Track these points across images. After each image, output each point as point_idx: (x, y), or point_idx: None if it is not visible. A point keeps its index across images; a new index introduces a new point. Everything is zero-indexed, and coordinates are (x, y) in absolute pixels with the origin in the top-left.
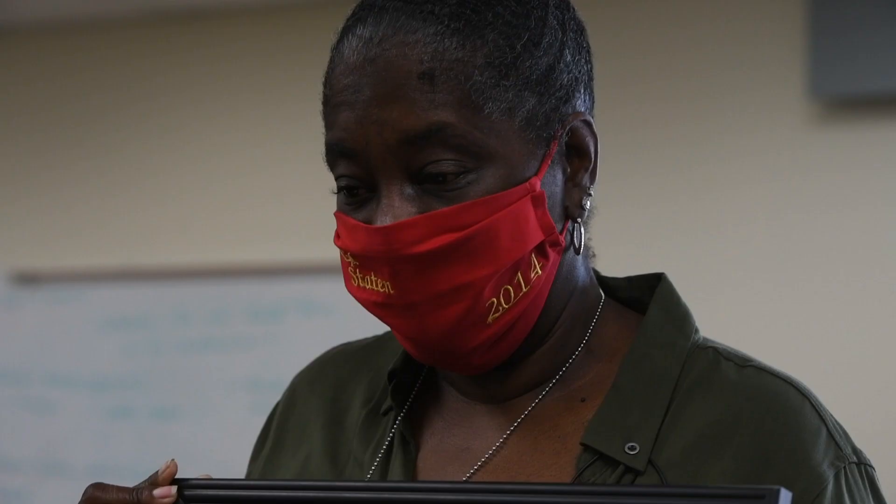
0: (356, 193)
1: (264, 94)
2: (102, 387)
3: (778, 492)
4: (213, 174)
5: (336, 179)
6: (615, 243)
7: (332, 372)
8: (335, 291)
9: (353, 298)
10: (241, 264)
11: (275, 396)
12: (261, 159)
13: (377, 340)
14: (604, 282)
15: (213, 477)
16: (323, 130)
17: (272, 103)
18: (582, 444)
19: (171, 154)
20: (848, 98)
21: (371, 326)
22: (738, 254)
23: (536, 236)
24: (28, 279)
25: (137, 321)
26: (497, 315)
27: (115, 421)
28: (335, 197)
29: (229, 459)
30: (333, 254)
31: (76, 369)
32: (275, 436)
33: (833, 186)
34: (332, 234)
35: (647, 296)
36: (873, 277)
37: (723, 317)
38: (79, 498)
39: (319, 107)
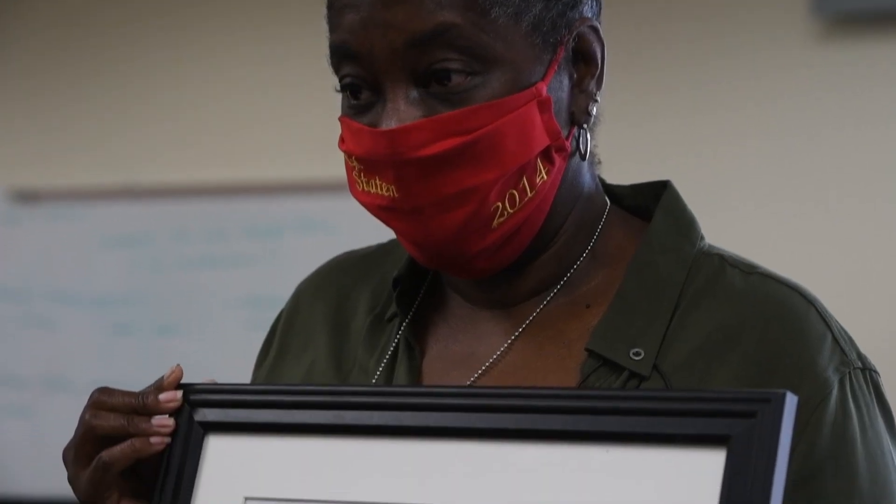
0: (360, 96)
1: (265, 11)
2: (103, 304)
3: (783, 395)
4: (213, 92)
5: (340, 80)
6: (619, 161)
7: (337, 279)
8: (334, 209)
9: (351, 216)
10: (241, 182)
11: (274, 313)
12: (261, 77)
13: (381, 248)
14: (609, 189)
15: (219, 382)
16: (327, 34)
17: (273, 21)
18: (587, 349)
19: (171, 72)
20: (852, 15)
21: (370, 243)
22: (741, 172)
23: (542, 141)
24: (28, 197)
25: (138, 239)
26: (502, 219)
27: (117, 337)
28: (335, 116)
29: (229, 375)
30: (332, 172)
31: (77, 287)
32: (279, 343)
33: (837, 104)
34: (332, 152)
35: (652, 203)
36: (878, 196)
37: (725, 236)
38: (81, 414)
39: (321, 24)
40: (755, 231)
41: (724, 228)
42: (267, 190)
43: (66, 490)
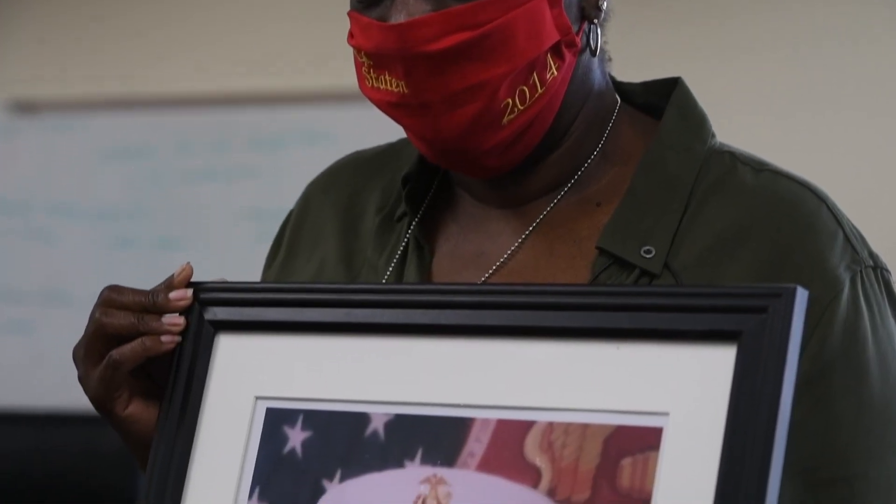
0: None
1: None
2: (104, 217)
3: (794, 290)
4: (215, 0)
5: None
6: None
7: (346, 179)
8: (337, 119)
9: (355, 127)
10: (243, 92)
11: (277, 225)
12: None
13: (391, 147)
14: (620, 87)
15: (229, 280)
16: None
17: None
18: (597, 247)
19: None
20: None
21: None
22: (755, 80)
23: (552, 36)
24: (27, 108)
25: (139, 150)
26: (512, 116)
27: (118, 251)
28: (339, 26)
29: None
30: (335, 82)
31: (77, 199)
32: (288, 243)
33: (844, 14)
34: (336, 62)
35: (663, 101)
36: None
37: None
38: (82, 329)
39: None
40: (767, 138)
41: (733, 135)
42: (270, 100)
43: (65, 404)
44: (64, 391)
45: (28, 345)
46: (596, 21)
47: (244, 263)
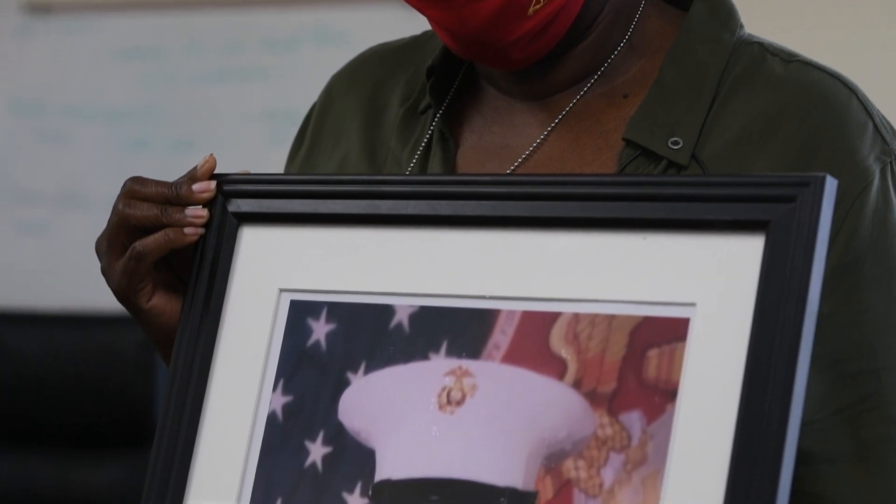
0: None
1: None
2: (118, 118)
3: (823, 179)
4: None
5: None
6: None
7: (369, 71)
8: (350, 20)
9: (370, 28)
10: None
11: (291, 127)
12: None
13: (415, 39)
14: None
15: (252, 173)
16: None
17: None
18: (624, 139)
19: None
20: None
21: None
22: None
23: None
24: (41, 8)
25: (152, 51)
26: (538, 7)
27: (132, 153)
28: None
29: None
30: None
31: (91, 101)
32: (311, 137)
33: None
34: None
35: None
36: None
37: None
38: (97, 230)
39: None
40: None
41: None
42: (283, 1)
43: (80, 304)
44: (79, 292)
45: (43, 246)
46: None
47: (257, 165)
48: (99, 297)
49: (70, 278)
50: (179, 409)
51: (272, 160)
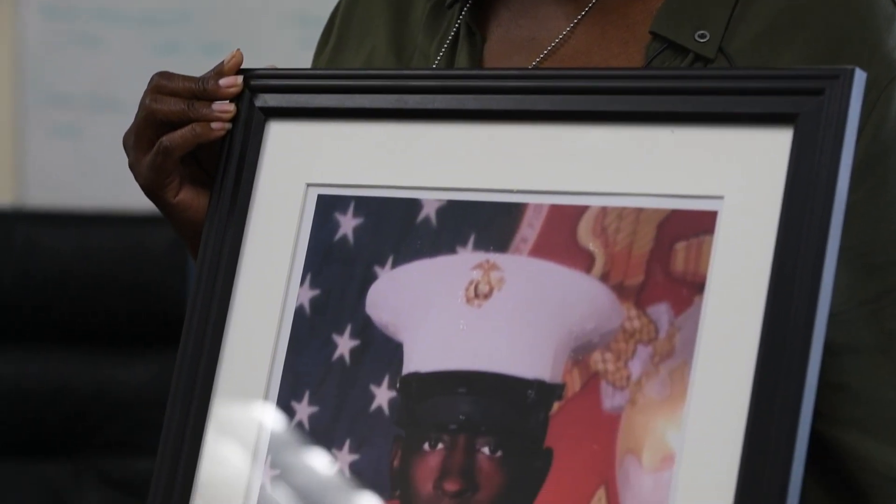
0: None
1: None
2: (150, 22)
3: (852, 71)
4: None
5: None
6: None
7: None
8: None
9: None
10: None
11: (321, 32)
12: None
13: None
14: None
15: (279, 67)
16: None
17: None
18: (651, 32)
19: None
20: None
21: None
22: None
23: None
24: None
25: None
26: None
27: (164, 56)
28: None
29: None
30: None
31: (123, 4)
32: (338, 32)
33: None
34: None
35: None
36: None
37: None
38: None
39: None
40: None
41: None
42: None
43: (113, 204)
44: (112, 193)
45: (76, 148)
46: None
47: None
48: (130, 198)
49: (102, 179)
50: (207, 304)
51: (303, 64)
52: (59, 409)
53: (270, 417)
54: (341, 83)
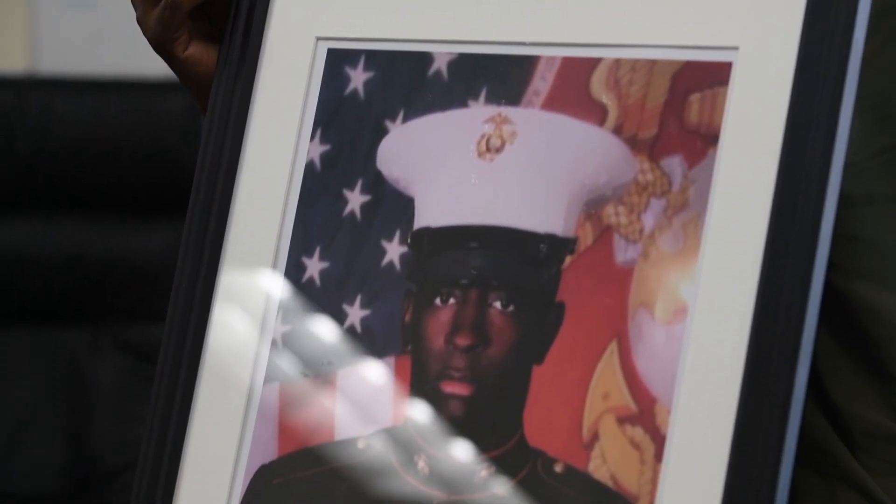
0: None
1: None
2: None
3: None
4: None
5: None
6: None
7: None
8: None
9: None
10: None
11: None
12: None
13: None
14: None
15: None
16: None
17: None
18: None
19: None
20: None
21: None
22: None
23: None
24: None
25: None
26: None
27: None
28: None
29: None
30: None
31: None
32: None
33: None
34: None
35: None
36: None
37: None
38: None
39: None
40: None
41: None
42: None
43: (127, 70)
44: (127, 60)
45: (90, 15)
46: None
47: None
48: (146, 63)
49: (117, 46)
50: (217, 160)
51: None
52: (75, 276)
53: (281, 273)
54: None
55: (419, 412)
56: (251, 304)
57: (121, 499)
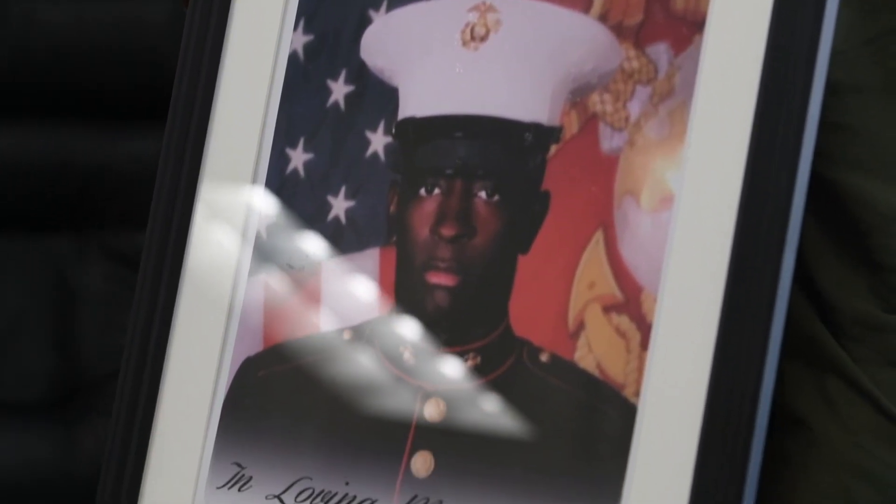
0: None
1: None
2: None
3: None
4: None
5: None
6: None
7: None
8: None
9: None
10: None
11: None
12: None
13: None
14: None
15: None
16: None
17: None
18: None
19: None
20: None
21: None
22: None
23: None
24: None
25: None
26: None
27: None
28: None
29: None
30: None
31: None
32: None
33: None
34: None
35: None
36: None
37: None
38: None
39: None
40: None
41: None
42: None
43: None
44: None
45: None
46: None
47: None
48: None
49: None
50: (199, 52)
51: None
52: (62, 184)
53: (265, 164)
54: None
55: (404, 303)
56: (235, 197)
57: (109, 405)
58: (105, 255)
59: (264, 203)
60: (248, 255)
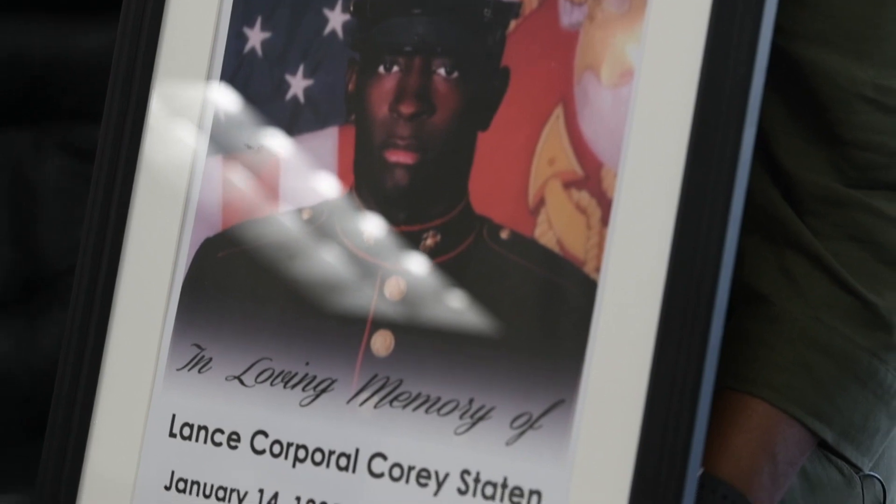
0: None
1: None
2: None
3: None
4: None
5: None
6: None
7: None
8: None
9: None
10: None
11: None
12: None
13: None
14: None
15: None
16: None
17: None
18: None
19: None
20: None
21: None
22: None
23: None
24: None
25: None
26: None
27: None
28: None
29: None
30: None
31: None
32: None
33: None
34: None
35: None
36: None
37: None
38: None
39: None
40: None
41: None
42: None
43: None
44: None
45: None
46: None
47: None
48: None
49: None
50: None
51: None
52: (17, 77)
53: (222, 44)
54: None
55: (364, 181)
56: (192, 77)
57: (67, 299)
58: (61, 149)
59: (221, 84)
60: (205, 137)
